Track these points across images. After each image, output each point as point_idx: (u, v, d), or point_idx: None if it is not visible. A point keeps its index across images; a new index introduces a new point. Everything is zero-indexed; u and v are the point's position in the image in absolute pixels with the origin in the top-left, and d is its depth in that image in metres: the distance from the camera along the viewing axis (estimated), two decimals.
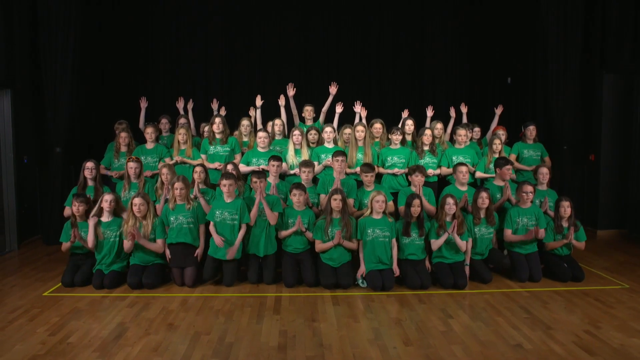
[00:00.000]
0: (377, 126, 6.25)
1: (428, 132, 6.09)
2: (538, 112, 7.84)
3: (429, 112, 6.81)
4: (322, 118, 6.65)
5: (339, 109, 6.57)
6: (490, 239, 5.28)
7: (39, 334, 3.87)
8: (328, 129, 6.09)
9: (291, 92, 6.53)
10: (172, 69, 8.60)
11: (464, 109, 6.99)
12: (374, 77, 8.94)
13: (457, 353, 3.55)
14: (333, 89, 6.56)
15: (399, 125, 6.43)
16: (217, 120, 6.08)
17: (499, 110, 7.00)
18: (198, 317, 4.23)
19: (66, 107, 6.72)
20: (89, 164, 5.64)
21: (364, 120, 6.50)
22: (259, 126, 6.63)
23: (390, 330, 3.93)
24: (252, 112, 6.89)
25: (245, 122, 6.39)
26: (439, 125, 6.40)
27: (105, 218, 5.11)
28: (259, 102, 6.63)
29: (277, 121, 6.43)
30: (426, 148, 6.09)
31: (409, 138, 6.33)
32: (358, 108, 6.57)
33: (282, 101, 6.62)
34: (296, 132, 6.03)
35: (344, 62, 8.80)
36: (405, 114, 6.66)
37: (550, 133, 7.39)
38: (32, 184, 6.93)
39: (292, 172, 5.97)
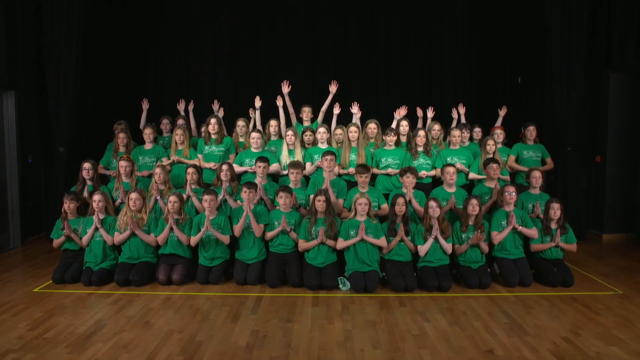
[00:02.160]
0: (372, 126, 6.20)
1: (422, 133, 6.01)
2: (546, 113, 7.66)
3: (430, 113, 6.74)
4: (320, 117, 6.64)
5: (336, 110, 6.55)
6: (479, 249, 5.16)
7: (19, 328, 3.98)
8: (321, 129, 6.08)
9: (286, 89, 6.55)
10: (180, 70, 8.74)
11: (462, 110, 6.89)
12: (382, 78, 8.89)
13: (424, 357, 3.50)
14: (333, 88, 6.56)
15: (393, 126, 6.40)
16: (213, 120, 6.14)
17: (502, 112, 6.88)
18: (176, 315, 4.28)
19: (69, 107, 6.90)
20: (86, 165, 5.77)
21: (358, 122, 6.45)
22: (259, 127, 6.67)
23: (363, 333, 3.90)
24: (252, 114, 6.93)
25: (240, 123, 6.43)
26: (437, 127, 6.31)
27: (96, 217, 5.22)
28: (258, 103, 6.68)
29: (272, 122, 6.45)
30: (420, 149, 6.01)
31: (404, 139, 6.26)
32: (355, 109, 6.53)
33: (280, 102, 6.64)
34: (289, 132, 6.04)
35: (351, 62, 8.78)
36: (397, 114, 6.60)
37: (556, 134, 7.21)
38: (37, 183, 7.13)
39: (284, 172, 5.98)
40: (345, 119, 6.60)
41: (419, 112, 6.77)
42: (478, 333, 3.90)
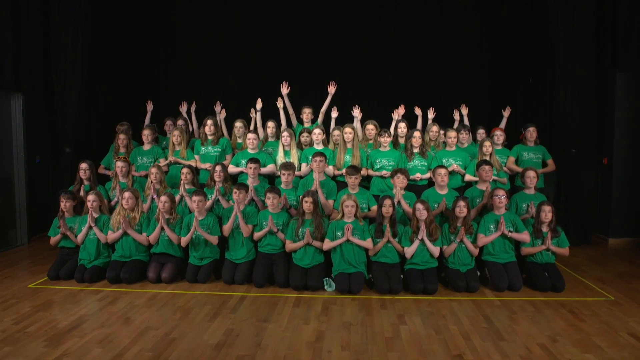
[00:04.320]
0: (370, 127, 6.17)
1: (417, 134, 5.95)
2: (554, 115, 7.48)
3: (430, 114, 6.67)
4: (320, 118, 6.64)
5: (334, 114, 6.55)
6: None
7: (4, 322, 4.12)
8: (317, 130, 6.09)
9: (285, 90, 6.59)
10: (189, 71, 8.89)
11: (464, 111, 6.80)
12: (390, 81, 8.85)
13: None
14: (332, 89, 6.56)
15: (391, 127, 6.36)
16: (209, 122, 6.23)
17: (506, 113, 6.76)
18: (157, 312, 4.35)
19: (75, 108, 7.10)
20: (83, 165, 5.93)
21: (359, 124, 6.43)
22: (259, 128, 6.73)
23: (335, 334, 3.89)
24: (252, 115, 6.99)
25: (238, 124, 6.50)
26: (435, 128, 6.24)
27: (90, 216, 5.36)
28: (259, 104, 6.74)
29: (270, 123, 6.48)
30: (416, 150, 5.96)
31: (402, 141, 6.21)
32: (356, 112, 6.48)
33: (280, 103, 6.69)
34: (285, 133, 6.08)
35: (359, 65, 8.77)
36: (395, 114, 6.54)
37: (561, 135, 7.03)
38: (43, 183, 7.36)
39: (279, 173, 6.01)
40: (348, 121, 6.58)
41: (417, 111, 6.71)
42: (452, 337, 3.85)
